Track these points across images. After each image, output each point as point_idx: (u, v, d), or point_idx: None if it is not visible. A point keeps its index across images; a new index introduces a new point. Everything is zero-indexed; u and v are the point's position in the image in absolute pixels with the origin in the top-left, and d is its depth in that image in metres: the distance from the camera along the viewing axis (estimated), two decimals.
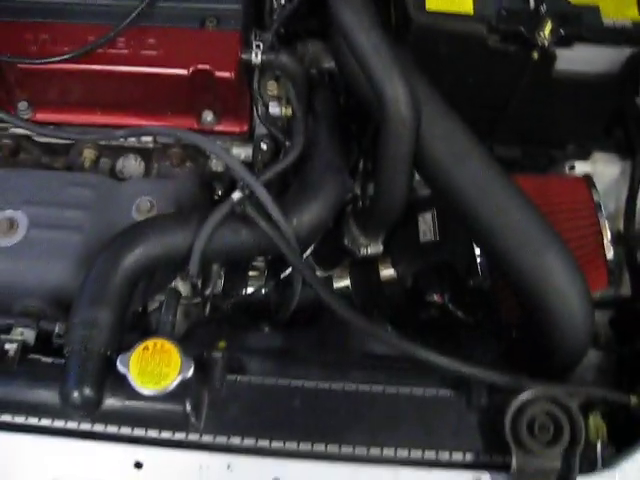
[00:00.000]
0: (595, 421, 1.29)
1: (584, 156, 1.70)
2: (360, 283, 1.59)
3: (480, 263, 1.45)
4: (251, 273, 1.60)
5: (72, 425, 1.24)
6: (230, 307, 1.57)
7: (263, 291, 1.58)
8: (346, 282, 1.60)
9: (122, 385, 1.18)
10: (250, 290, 1.55)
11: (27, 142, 1.54)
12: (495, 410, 1.22)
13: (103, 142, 1.49)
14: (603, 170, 1.72)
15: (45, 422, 1.24)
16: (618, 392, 1.36)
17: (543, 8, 1.37)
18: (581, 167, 1.70)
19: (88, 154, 1.51)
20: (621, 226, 1.68)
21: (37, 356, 1.29)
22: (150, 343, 1.19)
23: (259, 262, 1.61)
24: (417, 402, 1.26)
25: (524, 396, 1.20)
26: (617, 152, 1.71)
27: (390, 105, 1.23)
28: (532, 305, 1.31)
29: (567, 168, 1.71)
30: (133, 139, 1.49)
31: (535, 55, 1.38)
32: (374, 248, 1.49)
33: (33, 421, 1.24)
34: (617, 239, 1.70)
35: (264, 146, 1.47)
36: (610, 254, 1.45)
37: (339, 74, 1.51)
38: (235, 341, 1.41)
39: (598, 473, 1.22)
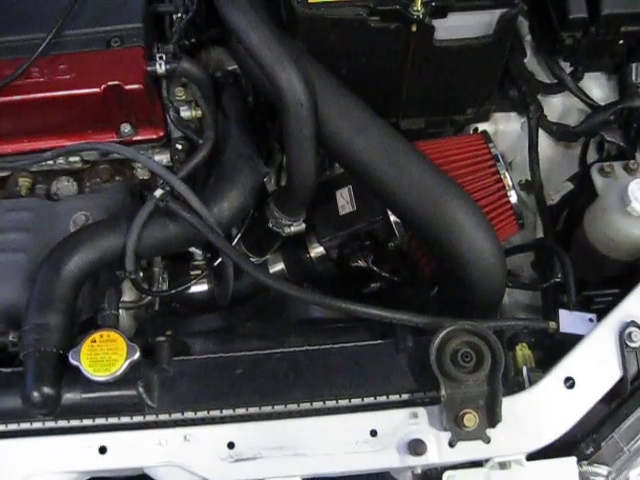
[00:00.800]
0: (522, 350, 1.42)
1: (484, 118, 1.84)
2: (293, 264, 1.71)
3: (395, 225, 1.57)
4: (193, 272, 1.71)
5: (37, 425, 1.34)
6: (177, 305, 1.68)
7: (206, 286, 1.69)
8: (280, 266, 1.71)
9: (78, 379, 1.29)
10: (193, 285, 1.65)
11: None
12: (422, 350, 1.32)
13: (35, 168, 1.60)
14: (504, 128, 1.87)
15: (12, 426, 1.33)
16: (538, 320, 1.48)
17: None
18: (484, 128, 1.83)
19: (23, 182, 1.61)
20: (529, 176, 1.82)
21: None
22: (97, 335, 1.30)
23: (199, 261, 1.72)
24: (350, 354, 1.37)
25: (445, 331, 1.30)
26: (514, 110, 1.86)
27: (286, 92, 1.35)
28: (443, 255, 1.42)
29: (471, 131, 1.85)
30: (62, 162, 1.59)
31: (414, 28, 1.51)
32: (297, 226, 1.60)
33: (0, 427, 1.33)
34: (527, 188, 1.84)
35: (179, 146, 1.58)
36: (513, 199, 1.56)
37: (242, 73, 1.63)
38: (181, 329, 1.52)
39: (523, 392, 1.34)
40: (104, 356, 1.28)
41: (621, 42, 1.68)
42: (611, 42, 1.68)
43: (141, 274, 1.59)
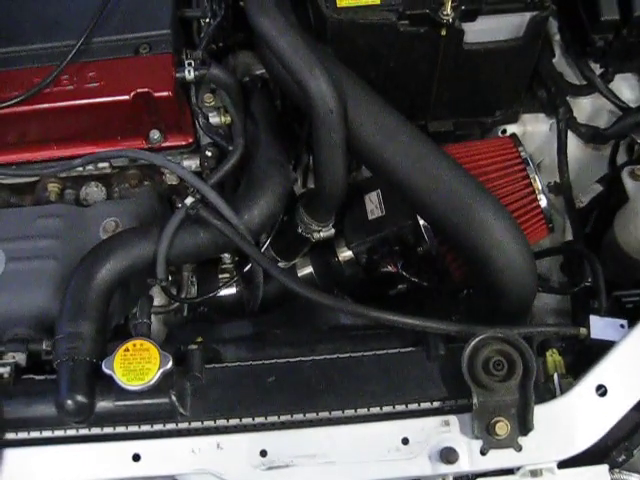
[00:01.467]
0: (553, 356, 1.41)
1: (513, 119, 1.83)
2: (322, 268, 1.71)
3: (425, 230, 1.57)
4: (221, 276, 1.72)
5: (71, 432, 1.35)
6: (206, 309, 1.69)
7: (235, 290, 1.70)
8: (309, 269, 1.72)
9: (111, 387, 1.30)
10: (222, 290, 1.66)
11: None
12: (454, 358, 1.32)
13: (64, 174, 1.60)
14: (533, 130, 1.86)
15: (46, 433, 1.35)
16: (568, 326, 1.47)
17: None
18: (512, 130, 1.83)
19: (52, 188, 1.62)
20: (558, 178, 1.81)
21: (30, 376, 1.40)
22: (130, 344, 1.31)
23: (228, 264, 1.72)
24: (381, 362, 1.38)
25: (477, 339, 1.30)
26: (543, 111, 1.85)
27: (316, 99, 1.34)
28: (474, 260, 1.42)
29: (500, 133, 1.84)
30: (91, 167, 1.60)
31: (443, 32, 1.50)
32: (326, 232, 1.60)
33: (35, 434, 1.35)
34: (556, 190, 1.83)
35: (209, 153, 1.58)
36: (543, 203, 1.55)
37: (270, 78, 1.63)
38: (211, 335, 1.53)
39: (555, 400, 1.33)
40: (137, 365, 1.28)
41: None
42: None
43: (170, 278, 1.59)
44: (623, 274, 1.66)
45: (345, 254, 1.68)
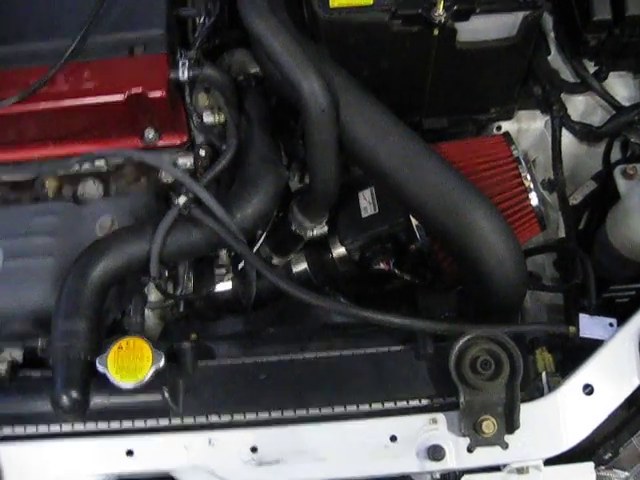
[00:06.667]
0: (542, 354, 1.43)
1: (508, 116, 1.82)
2: (316, 264, 1.72)
3: (417, 229, 1.58)
4: (217, 271, 1.73)
5: (67, 427, 1.38)
6: (202, 304, 1.71)
7: (230, 285, 1.72)
8: (304, 265, 1.73)
9: (105, 384, 1.33)
10: (217, 286, 1.68)
11: None
12: (442, 357, 1.34)
13: (62, 172, 1.63)
14: (528, 126, 1.86)
15: (42, 429, 1.38)
16: (558, 325, 1.49)
17: None
18: (507, 126, 1.83)
19: (51, 184, 1.64)
20: (552, 175, 1.82)
21: (27, 372, 1.43)
22: (123, 342, 1.33)
23: (224, 259, 1.74)
24: (371, 360, 1.40)
25: (465, 338, 1.32)
26: (538, 107, 1.85)
27: (308, 99, 1.35)
28: (464, 261, 1.44)
29: (494, 129, 1.85)
30: (88, 165, 1.62)
31: (436, 32, 1.50)
32: (319, 230, 1.61)
33: (31, 430, 1.38)
34: (550, 186, 1.83)
35: (203, 153, 1.60)
36: (534, 201, 1.56)
37: (264, 77, 1.64)
38: (204, 332, 1.55)
39: (542, 398, 1.35)
40: (130, 363, 1.31)
41: None
42: (636, 43, 1.66)
43: (166, 273, 1.61)
44: (615, 271, 1.67)
45: (339, 251, 1.69)
